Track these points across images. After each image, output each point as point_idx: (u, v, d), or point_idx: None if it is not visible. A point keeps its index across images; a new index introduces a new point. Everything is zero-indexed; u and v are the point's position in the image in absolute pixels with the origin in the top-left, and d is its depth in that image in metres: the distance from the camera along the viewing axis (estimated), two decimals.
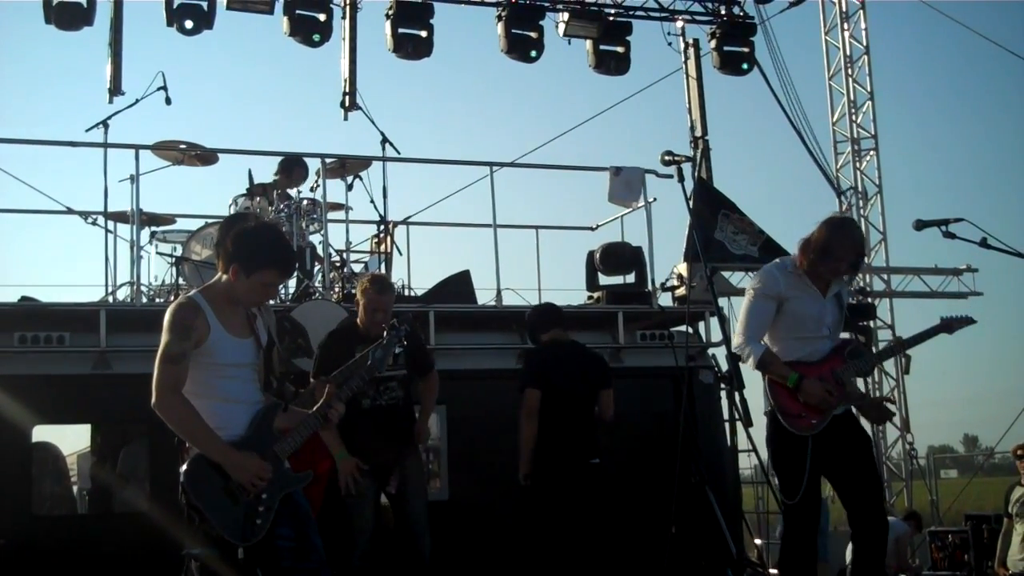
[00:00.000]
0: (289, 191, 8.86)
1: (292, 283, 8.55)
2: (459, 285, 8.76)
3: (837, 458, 4.89)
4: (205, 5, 10.71)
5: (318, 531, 4.07)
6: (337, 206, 9.02)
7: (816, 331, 5.00)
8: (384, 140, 9.32)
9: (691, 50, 13.40)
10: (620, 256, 9.27)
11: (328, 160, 8.73)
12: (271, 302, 4.93)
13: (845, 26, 14.68)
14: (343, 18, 11.70)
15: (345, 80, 11.78)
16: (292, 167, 8.89)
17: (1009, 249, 5.10)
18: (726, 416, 8.43)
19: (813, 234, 4.98)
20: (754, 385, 5.43)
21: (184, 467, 3.84)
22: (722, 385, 8.54)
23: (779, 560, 5.09)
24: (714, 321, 8.52)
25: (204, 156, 8.88)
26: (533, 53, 11.88)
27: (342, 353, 5.64)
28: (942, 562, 9.07)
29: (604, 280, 9.29)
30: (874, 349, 5.21)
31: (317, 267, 8.63)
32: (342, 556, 5.47)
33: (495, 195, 8.86)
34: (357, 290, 6.13)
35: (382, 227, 9.20)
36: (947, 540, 9.12)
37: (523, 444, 6.22)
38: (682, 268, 9.44)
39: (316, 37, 11.13)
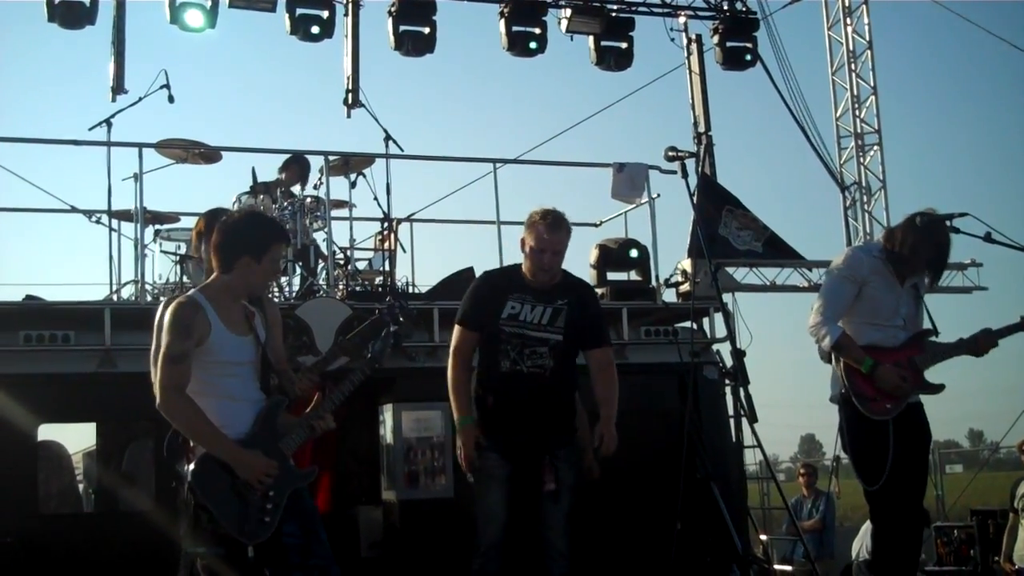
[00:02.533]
0: (293, 189, 8.88)
1: (296, 281, 8.57)
2: (463, 282, 8.71)
3: (900, 444, 4.83)
4: (208, 3, 10.72)
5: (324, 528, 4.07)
6: (341, 203, 9.02)
7: (890, 319, 4.98)
8: (387, 137, 9.29)
9: (694, 46, 13.38)
10: (624, 252, 9.25)
11: (331, 158, 8.73)
12: (276, 300, 4.92)
13: (848, 21, 14.63)
14: (346, 15, 11.70)
15: (348, 77, 11.78)
16: (297, 165, 8.91)
17: (1013, 243, 5.11)
18: (731, 412, 8.41)
19: (898, 228, 5.00)
20: (757, 381, 5.42)
21: (192, 466, 3.84)
22: (727, 381, 8.52)
23: (872, 552, 5.01)
24: (718, 317, 8.51)
25: (207, 154, 8.88)
26: (533, 45, 11.87)
27: (493, 302, 4.81)
28: (947, 557, 9.05)
29: (608, 276, 9.27)
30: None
31: (321, 264, 8.64)
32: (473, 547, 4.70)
33: (498, 192, 8.87)
34: (524, 227, 4.87)
35: (386, 224, 9.20)
36: (953, 535, 9.09)
37: None
38: (686, 264, 9.43)
39: (316, 30, 11.11)
